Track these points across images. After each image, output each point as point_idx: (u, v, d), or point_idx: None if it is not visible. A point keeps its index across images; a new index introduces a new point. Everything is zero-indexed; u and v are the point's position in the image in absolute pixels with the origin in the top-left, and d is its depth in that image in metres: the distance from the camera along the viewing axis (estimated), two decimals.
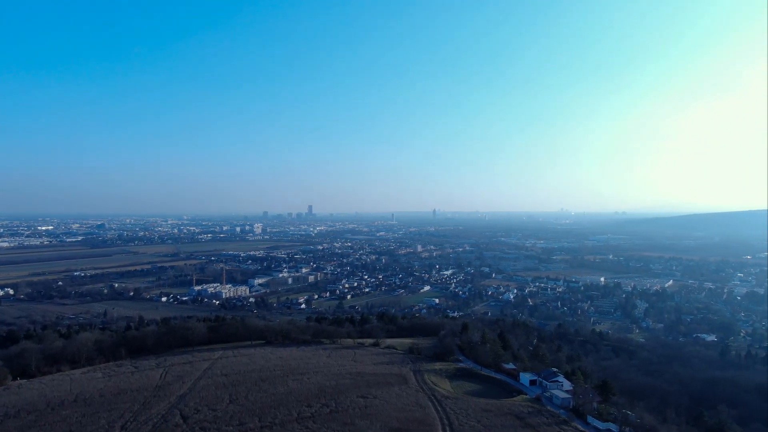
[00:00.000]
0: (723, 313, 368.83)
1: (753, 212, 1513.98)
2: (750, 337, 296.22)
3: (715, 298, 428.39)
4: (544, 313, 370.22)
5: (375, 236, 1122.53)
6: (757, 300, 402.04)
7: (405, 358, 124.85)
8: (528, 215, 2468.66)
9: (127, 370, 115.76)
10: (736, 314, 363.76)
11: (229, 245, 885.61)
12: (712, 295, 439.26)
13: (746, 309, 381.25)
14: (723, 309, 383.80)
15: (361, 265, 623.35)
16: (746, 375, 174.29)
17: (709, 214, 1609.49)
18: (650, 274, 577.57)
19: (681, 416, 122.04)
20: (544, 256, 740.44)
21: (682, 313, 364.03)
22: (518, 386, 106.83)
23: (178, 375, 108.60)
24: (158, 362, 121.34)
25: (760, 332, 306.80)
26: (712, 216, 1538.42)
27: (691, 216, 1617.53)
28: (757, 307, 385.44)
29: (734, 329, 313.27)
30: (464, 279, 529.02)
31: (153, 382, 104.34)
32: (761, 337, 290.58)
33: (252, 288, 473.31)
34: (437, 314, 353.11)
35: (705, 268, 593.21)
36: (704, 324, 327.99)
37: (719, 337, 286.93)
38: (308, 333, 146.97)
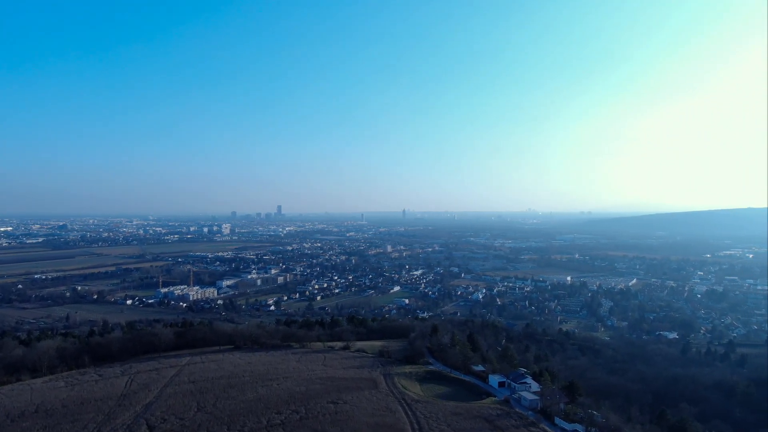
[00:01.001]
0: (684, 310, 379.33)
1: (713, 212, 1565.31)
2: (710, 334, 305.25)
3: (676, 296, 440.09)
4: (512, 313, 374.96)
5: (345, 236, 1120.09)
6: (716, 298, 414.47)
7: (375, 362, 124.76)
8: (497, 215, 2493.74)
9: (90, 379, 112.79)
10: (696, 312, 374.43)
11: (197, 246, 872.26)
12: (674, 293, 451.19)
13: (706, 306, 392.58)
14: (684, 307, 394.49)
15: (331, 265, 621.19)
16: (706, 372, 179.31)
17: (670, 214, 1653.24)
18: (615, 272, 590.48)
19: (645, 414, 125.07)
20: (512, 255, 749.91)
21: (645, 311, 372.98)
22: (487, 388, 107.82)
23: (144, 383, 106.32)
24: (123, 370, 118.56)
25: (719, 329, 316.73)
26: (673, 216, 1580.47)
27: (653, 216, 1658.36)
28: (716, 304, 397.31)
29: (695, 327, 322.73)
30: (434, 279, 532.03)
31: (118, 390, 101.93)
32: (720, 334, 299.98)
33: (220, 290, 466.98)
34: (407, 315, 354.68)
35: (667, 266, 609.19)
36: (666, 322, 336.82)
37: (680, 335, 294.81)
38: (278, 337, 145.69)
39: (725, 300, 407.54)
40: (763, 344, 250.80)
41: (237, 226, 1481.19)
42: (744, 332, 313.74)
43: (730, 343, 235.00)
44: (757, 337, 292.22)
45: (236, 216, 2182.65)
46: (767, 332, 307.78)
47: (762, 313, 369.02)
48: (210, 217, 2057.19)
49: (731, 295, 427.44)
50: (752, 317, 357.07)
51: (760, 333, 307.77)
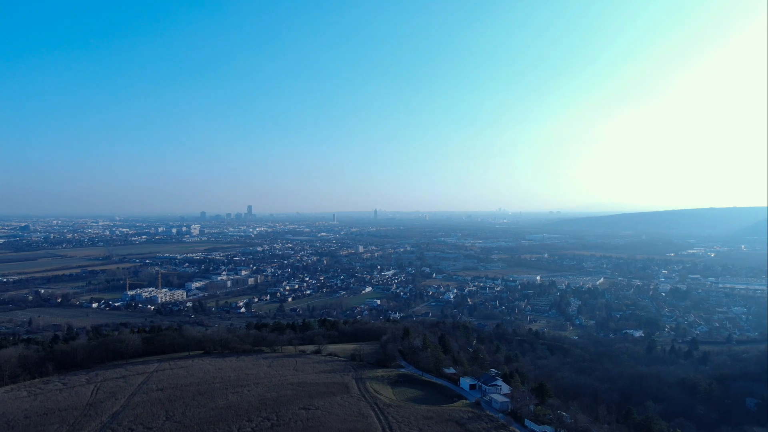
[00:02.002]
0: (649, 308, 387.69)
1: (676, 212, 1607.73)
2: (674, 332, 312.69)
3: (642, 294, 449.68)
4: (483, 313, 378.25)
5: (316, 237, 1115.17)
6: (680, 296, 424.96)
7: (347, 366, 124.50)
8: (467, 215, 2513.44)
9: (54, 388, 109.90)
10: (661, 310, 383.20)
11: (165, 247, 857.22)
12: (640, 291, 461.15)
13: (670, 305, 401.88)
14: (649, 305, 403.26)
15: (302, 266, 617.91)
16: (670, 370, 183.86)
17: (636, 214, 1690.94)
18: (583, 272, 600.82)
19: (612, 413, 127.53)
20: (483, 255, 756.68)
21: (612, 309, 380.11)
22: (459, 391, 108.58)
23: (110, 391, 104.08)
24: (89, 378, 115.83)
25: (682, 327, 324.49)
26: (638, 216, 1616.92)
27: (619, 215, 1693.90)
28: (680, 302, 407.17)
29: (659, 324, 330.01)
30: (405, 279, 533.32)
31: (83, 399, 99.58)
32: (684, 332, 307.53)
33: (189, 292, 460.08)
34: (379, 316, 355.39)
35: (633, 265, 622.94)
36: (632, 320, 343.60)
37: (646, 333, 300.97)
38: (248, 342, 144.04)
39: (688, 298, 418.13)
40: (724, 342, 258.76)
41: (206, 226, 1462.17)
42: (706, 330, 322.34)
43: (693, 341, 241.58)
44: (719, 334, 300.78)
45: (206, 216, 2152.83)
46: (728, 330, 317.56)
47: (723, 310, 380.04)
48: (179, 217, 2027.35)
49: (694, 293, 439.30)
50: (714, 315, 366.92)
51: (721, 330, 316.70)
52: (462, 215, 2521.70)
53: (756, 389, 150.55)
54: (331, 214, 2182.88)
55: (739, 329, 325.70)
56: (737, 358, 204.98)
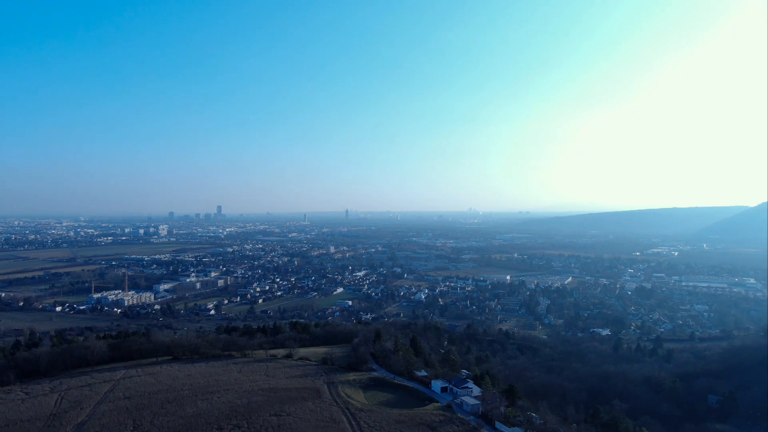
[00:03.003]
0: (616, 307, 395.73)
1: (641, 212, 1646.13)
2: (639, 330, 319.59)
3: (608, 293, 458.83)
4: (454, 313, 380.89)
5: (287, 237, 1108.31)
6: (645, 294, 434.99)
7: (319, 370, 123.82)
8: (438, 215, 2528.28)
9: (17, 397, 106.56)
10: (627, 308, 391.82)
11: (132, 249, 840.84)
12: (606, 290, 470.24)
13: (636, 303, 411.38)
14: (616, 303, 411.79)
15: (273, 267, 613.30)
16: (636, 368, 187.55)
17: (603, 214, 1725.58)
18: (552, 271, 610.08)
19: (580, 413, 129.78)
20: (453, 255, 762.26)
21: (580, 308, 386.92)
22: (430, 394, 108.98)
23: (75, 400, 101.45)
24: (53, 386, 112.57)
25: (647, 325, 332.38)
26: (605, 215, 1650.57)
27: (586, 215, 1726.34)
28: (645, 301, 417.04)
29: (625, 323, 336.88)
30: (377, 280, 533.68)
31: (47, 409, 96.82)
32: (649, 330, 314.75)
33: (157, 294, 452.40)
34: (351, 317, 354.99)
35: (600, 265, 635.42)
36: (599, 319, 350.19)
37: (612, 331, 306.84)
38: (218, 346, 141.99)
39: (653, 296, 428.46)
40: (688, 339, 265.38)
41: (175, 227, 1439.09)
42: (670, 327, 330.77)
43: (658, 339, 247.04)
44: (682, 332, 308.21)
45: (174, 217, 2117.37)
46: (691, 327, 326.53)
47: (686, 308, 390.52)
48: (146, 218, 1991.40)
49: (659, 291, 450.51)
50: (678, 313, 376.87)
51: (684, 328, 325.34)
52: (433, 215, 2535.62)
53: (718, 386, 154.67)
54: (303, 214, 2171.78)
55: (701, 326, 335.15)
56: (700, 355, 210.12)
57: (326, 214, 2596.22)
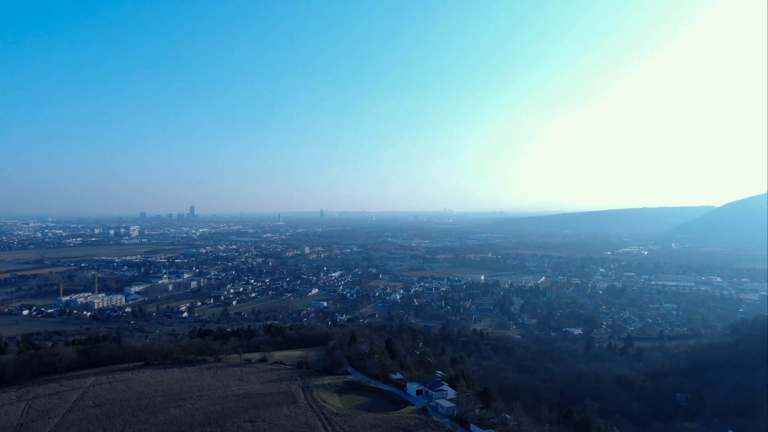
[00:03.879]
0: (588, 306, 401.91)
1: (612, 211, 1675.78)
2: (610, 328, 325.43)
3: (581, 292, 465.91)
4: (429, 313, 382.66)
5: (261, 238, 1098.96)
6: (616, 293, 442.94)
7: (293, 374, 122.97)
8: (413, 215, 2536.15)
9: None
10: (599, 307, 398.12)
11: (102, 250, 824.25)
12: (579, 289, 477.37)
13: (607, 302, 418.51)
14: (588, 303, 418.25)
15: (247, 268, 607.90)
16: (608, 367, 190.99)
17: (575, 214, 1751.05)
18: (525, 271, 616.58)
19: (553, 413, 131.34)
20: (428, 255, 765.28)
21: (553, 308, 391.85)
22: (406, 397, 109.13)
23: (43, 409, 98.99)
24: (19, 395, 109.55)
25: (618, 324, 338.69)
26: (577, 215, 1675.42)
27: (559, 215, 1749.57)
28: (616, 299, 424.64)
29: (597, 322, 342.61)
30: (352, 281, 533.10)
31: (13, 419, 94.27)
32: (620, 329, 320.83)
33: (128, 297, 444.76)
34: (326, 318, 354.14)
35: (572, 264, 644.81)
36: (572, 318, 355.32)
37: (585, 330, 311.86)
38: (191, 351, 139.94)
39: (624, 295, 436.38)
40: (657, 338, 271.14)
41: (147, 227, 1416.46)
42: (640, 326, 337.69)
43: (629, 338, 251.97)
44: (652, 330, 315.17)
45: (146, 217, 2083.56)
46: (660, 326, 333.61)
47: (656, 307, 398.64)
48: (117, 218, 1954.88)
49: (629, 290, 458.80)
50: (647, 311, 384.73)
51: (654, 326, 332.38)
52: (408, 215, 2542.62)
53: (686, 385, 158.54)
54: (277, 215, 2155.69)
55: (670, 325, 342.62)
56: (668, 354, 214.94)
57: (301, 214, 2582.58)
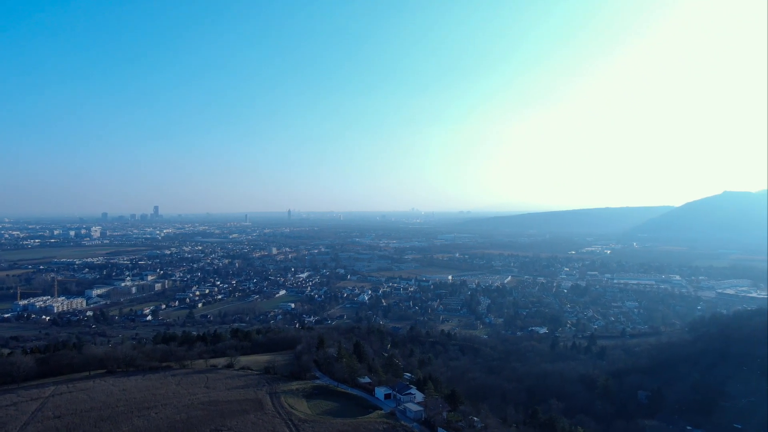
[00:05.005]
0: (553, 305, 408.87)
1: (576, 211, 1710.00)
2: (574, 327, 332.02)
3: (546, 291, 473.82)
4: (397, 314, 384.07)
5: (228, 238, 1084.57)
6: (580, 292, 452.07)
7: (261, 380, 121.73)
8: (382, 215, 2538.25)
9: None
10: (563, 306, 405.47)
11: (62, 252, 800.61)
12: (544, 289, 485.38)
13: (571, 301, 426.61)
14: (553, 302, 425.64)
15: (213, 270, 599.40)
16: (572, 366, 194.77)
17: (540, 213, 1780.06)
18: (492, 270, 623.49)
19: (519, 413, 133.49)
20: (396, 255, 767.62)
21: (519, 307, 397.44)
22: (374, 401, 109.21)
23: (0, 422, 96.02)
24: None
25: (582, 322, 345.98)
26: (543, 215, 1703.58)
27: (525, 215, 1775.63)
28: (579, 298, 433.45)
29: (562, 321, 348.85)
30: (320, 281, 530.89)
31: None
32: (583, 327, 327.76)
33: (90, 300, 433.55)
34: (293, 320, 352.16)
35: (538, 263, 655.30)
36: (537, 317, 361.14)
37: (550, 329, 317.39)
38: (156, 357, 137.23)
39: (587, 294, 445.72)
40: (619, 336, 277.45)
41: (109, 228, 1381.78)
42: (603, 324, 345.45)
43: (592, 337, 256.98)
44: (614, 328, 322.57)
45: (108, 218, 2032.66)
46: (623, 324, 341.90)
47: (618, 305, 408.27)
48: (77, 218, 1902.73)
49: (593, 289, 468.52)
50: (610, 309, 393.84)
51: (616, 324, 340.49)
52: (376, 215, 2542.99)
53: (647, 382, 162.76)
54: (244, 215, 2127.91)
55: (632, 322, 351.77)
56: (630, 351, 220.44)
57: (268, 214, 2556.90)
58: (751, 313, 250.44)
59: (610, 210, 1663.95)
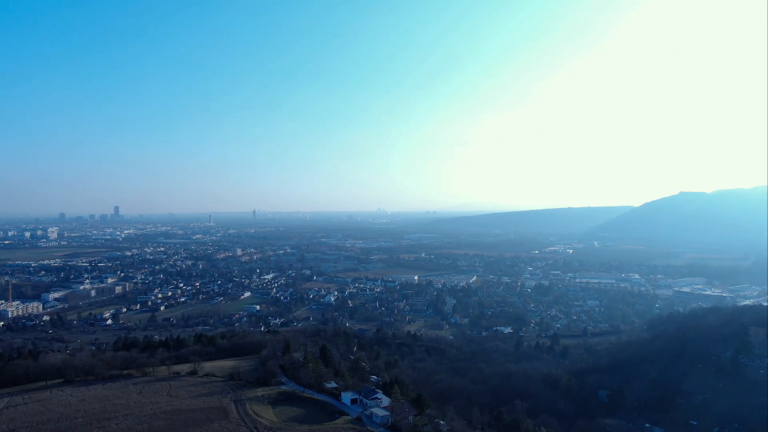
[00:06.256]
0: (517, 305, 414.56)
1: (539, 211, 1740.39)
2: (538, 326, 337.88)
3: (510, 291, 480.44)
4: (363, 315, 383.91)
5: (191, 239, 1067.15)
6: (543, 291, 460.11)
7: (225, 387, 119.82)
8: (348, 215, 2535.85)
9: None
10: (527, 305, 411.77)
11: (17, 254, 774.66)
12: (509, 288, 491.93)
13: (535, 300, 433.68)
14: (517, 301, 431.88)
15: (176, 272, 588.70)
16: (536, 366, 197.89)
17: (505, 213, 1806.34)
18: (458, 270, 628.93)
19: (484, 415, 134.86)
20: (363, 256, 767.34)
21: (484, 307, 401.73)
22: (341, 407, 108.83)
23: None
24: None
25: (545, 321, 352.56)
26: (507, 215, 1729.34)
27: (490, 215, 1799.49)
28: (543, 297, 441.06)
29: (526, 320, 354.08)
30: (286, 283, 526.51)
31: None
32: (547, 326, 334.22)
33: (47, 304, 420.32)
34: (259, 322, 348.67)
35: (502, 263, 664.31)
36: (502, 317, 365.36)
37: (514, 329, 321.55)
38: (116, 365, 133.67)
39: (551, 293, 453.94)
40: (581, 335, 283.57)
41: (66, 229, 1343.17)
42: (566, 323, 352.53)
43: (555, 336, 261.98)
44: (576, 327, 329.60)
45: (66, 218, 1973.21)
46: (584, 322, 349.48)
47: (580, 304, 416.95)
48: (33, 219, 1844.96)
49: (555, 288, 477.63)
50: (572, 308, 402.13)
51: (578, 323, 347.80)
52: (343, 215, 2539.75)
53: (607, 381, 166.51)
54: (207, 215, 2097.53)
55: (593, 321, 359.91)
56: (592, 350, 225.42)
57: (233, 214, 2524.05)
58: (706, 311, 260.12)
59: (572, 210, 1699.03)
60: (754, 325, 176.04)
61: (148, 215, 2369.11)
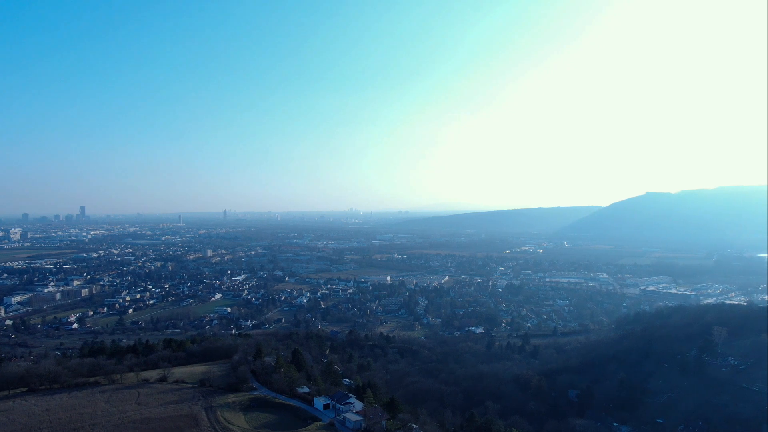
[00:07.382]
0: (489, 305, 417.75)
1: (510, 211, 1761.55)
2: (509, 326, 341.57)
3: (482, 291, 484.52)
4: (336, 316, 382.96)
5: (160, 240, 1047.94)
6: (514, 291, 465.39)
7: (196, 393, 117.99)
8: (320, 215, 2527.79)
9: None
10: (498, 305, 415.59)
11: None
12: (480, 288, 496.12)
13: (506, 300, 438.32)
14: (489, 301, 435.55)
15: (144, 273, 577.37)
16: (507, 366, 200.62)
17: (476, 213, 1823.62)
18: (430, 270, 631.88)
19: (457, 417, 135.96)
20: (335, 256, 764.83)
21: (456, 307, 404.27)
22: (313, 412, 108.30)
23: None
24: None
25: (516, 321, 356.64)
26: (479, 215, 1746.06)
27: (462, 215, 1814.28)
28: (514, 297, 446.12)
29: (497, 320, 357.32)
30: (257, 284, 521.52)
31: None
32: (518, 326, 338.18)
33: (9, 308, 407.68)
34: (230, 325, 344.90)
35: (474, 263, 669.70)
36: (474, 317, 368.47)
37: (486, 329, 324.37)
38: (82, 372, 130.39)
39: (521, 293, 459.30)
40: (551, 334, 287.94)
41: (30, 230, 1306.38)
42: (536, 322, 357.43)
43: (526, 336, 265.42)
44: (546, 326, 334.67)
45: (29, 218, 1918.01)
46: (554, 321, 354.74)
47: (550, 303, 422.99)
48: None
49: (526, 288, 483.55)
50: (543, 308, 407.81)
51: (549, 323, 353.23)
52: (315, 215, 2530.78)
53: (577, 381, 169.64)
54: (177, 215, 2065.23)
55: (563, 320, 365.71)
56: (561, 350, 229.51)
57: (203, 214, 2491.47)
58: (671, 310, 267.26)
59: (542, 210, 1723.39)
60: (716, 323, 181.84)
61: (115, 215, 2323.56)
